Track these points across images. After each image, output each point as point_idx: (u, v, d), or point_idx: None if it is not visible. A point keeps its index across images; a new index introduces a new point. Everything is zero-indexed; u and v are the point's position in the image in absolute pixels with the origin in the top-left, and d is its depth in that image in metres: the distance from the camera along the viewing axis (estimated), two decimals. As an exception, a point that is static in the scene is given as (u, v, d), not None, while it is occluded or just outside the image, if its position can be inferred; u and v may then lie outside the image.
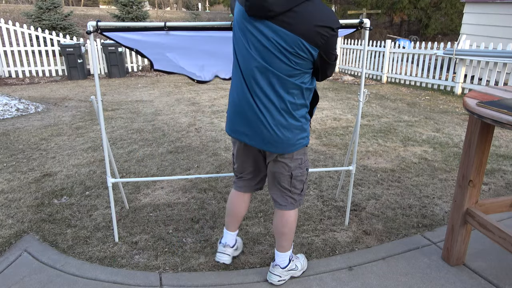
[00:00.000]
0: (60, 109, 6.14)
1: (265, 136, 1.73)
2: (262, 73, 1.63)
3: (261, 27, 1.57)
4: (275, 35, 1.56)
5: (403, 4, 16.30)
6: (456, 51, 7.30)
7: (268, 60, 1.60)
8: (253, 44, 1.62)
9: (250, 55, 1.63)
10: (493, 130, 1.96)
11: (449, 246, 2.20)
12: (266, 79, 1.64)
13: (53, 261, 2.26)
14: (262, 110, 1.69)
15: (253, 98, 1.69)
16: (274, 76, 1.63)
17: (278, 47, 1.57)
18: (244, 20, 1.62)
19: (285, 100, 1.68)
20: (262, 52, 1.60)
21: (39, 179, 3.40)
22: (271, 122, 1.70)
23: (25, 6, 19.19)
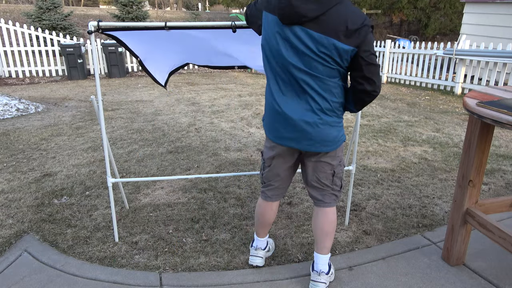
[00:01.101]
0: (60, 109, 6.14)
1: (313, 137, 1.74)
2: (304, 77, 1.66)
3: (298, 32, 1.60)
4: (311, 40, 1.59)
5: (403, 4, 16.31)
6: (456, 51, 7.30)
7: (307, 64, 1.63)
8: (291, 50, 1.64)
9: (288, 61, 1.66)
10: (493, 130, 1.96)
11: (449, 246, 2.20)
12: (308, 82, 1.67)
13: (53, 261, 2.26)
14: (308, 112, 1.71)
15: (298, 102, 1.71)
16: (316, 78, 1.66)
17: (315, 51, 1.60)
18: (279, 28, 1.64)
19: (328, 100, 1.70)
20: (301, 57, 1.63)
21: (39, 179, 3.40)
22: (318, 123, 1.72)
23: (25, 6, 19.18)
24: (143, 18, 15.63)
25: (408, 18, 17.41)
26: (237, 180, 3.40)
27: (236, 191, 3.18)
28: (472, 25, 8.79)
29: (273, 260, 2.28)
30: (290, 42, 1.63)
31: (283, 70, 1.69)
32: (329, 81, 1.67)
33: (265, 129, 1.87)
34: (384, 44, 9.04)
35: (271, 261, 2.27)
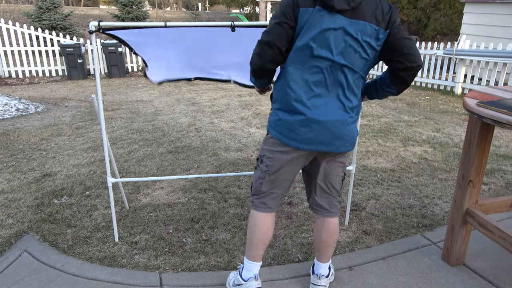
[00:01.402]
0: (60, 109, 6.14)
1: (345, 137, 1.67)
2: (342, 72, 1.59)
3: (341, 22, 1.52)
4: (354, 28, 1.53)
5: (402, 4, 16.30)
6: (456, 51, 7.30)
7: (348, 57, 1.57)
8: (335, 43, 1.55)
9: (330, 56, 1.56)
10: (493, 130, 1.97)
11: (449, 246, 2.20)
12: (346, 78, 1.60)
13: (53, 261, 2.26)
14: (340, 111, 1.64)
15: (331, 101, 1.64)
16: (353, 73, 1.61)
17: (359, 40, 1.55)
18: (322, 19, 1.52)
19: (358, 96, 1.68)
20: (345, 49, 1.56)
21: (39, 179, 3.40)
22: (349, 122, 1.66)
23: (25, 6, 19.18)
24: (143, 18, 15.63)
25: (408, 18, 17.41)
26: (237, 180, 3.40)
27: (236, 191, 3.18)
28: (472, 25, 8.79)
29: (273, 260, 2.28)
30: (334, 34, 1.53)
31: (318, 66, 1.58)
32: (361, 76, 1.63)
33: (280, 133, 1.67)
34: (384, 44, 9.03)
35: (271, 261, 2.27)
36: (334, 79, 1.60)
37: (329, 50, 1.55)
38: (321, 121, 1.62)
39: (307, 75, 1.60)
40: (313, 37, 1.54)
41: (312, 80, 1.60)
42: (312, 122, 1.62)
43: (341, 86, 1.61)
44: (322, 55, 1.55)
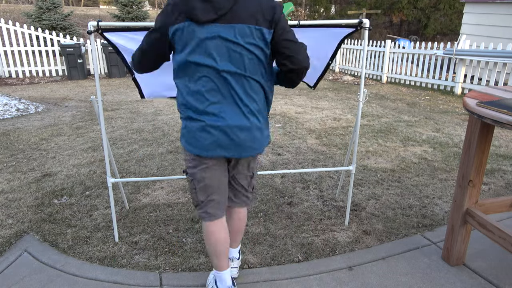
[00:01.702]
0: (60, 109, 6.14)
1: (244, 143, 1.67)
2: (233, 78, 1.60)
3: (215, 30, 1.54)
4: (231, 32, 1.54)
5: (402, 4, 16.31)
6: (456, 51, 7.31)
7: (236, 62, 1.58)
8: (213, 52, 1.56)
9: (214, 64, 1.58)
10: (493, 130, 1.97)
11: (449, 246, 2.20)
12: (238, 83, 1.61)
13: (53, 261, 2.26)
14: (238, 116, 1.64)
15: (229, 108, 1.64)
16: (244, 78, 1.61)
17: (242, 44, 1.55)
18: (194, 32, 1.55)
19: (256, 100, 1.66)
20: (229, 55, 1.57)
21: (39, 179, 3.40)
22: (250, 127, 1.66)
23: (25, 6, 19.18)
24: (143, 18, 15.63)
25: (408, 18, 17.41)
26: (237, 180, 3.40)
27: (236, 191, 3.18)
28: (472, 25, 8.79)
29: (273, 260, 2.28)
30: (213, 43, 1.55)
31: (207, 76, 1.60)
32: (256, 80, 1.63)
33: (187, 142, 1.69)
34: (384, 44, 9.04)
35: (271, 261, 2.27)
36: (226, 86, 1.61)
37: (212, 58, 1.57)
38: (219, 126, 1.63)
39: (198, 86, 1.61)
40: (192, 50, 1.57)
41: (205, 89, 1.61)
42: (211, 128, 1.63)
43: (235, 92, 1.61)
44: (207, 64, 1.58)
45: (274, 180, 3.41)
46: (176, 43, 1.60)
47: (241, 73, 1.60)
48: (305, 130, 4.95)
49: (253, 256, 2.32)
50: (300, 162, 3.83)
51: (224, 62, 1.58)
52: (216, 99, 1.62)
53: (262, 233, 2.57)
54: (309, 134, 4.77)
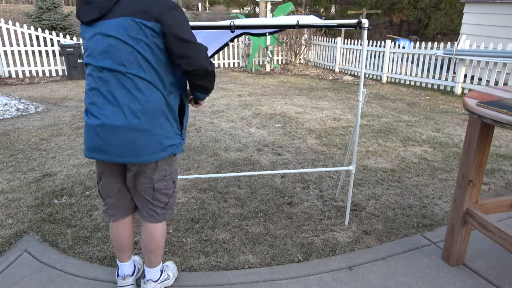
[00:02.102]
0: (60, 109, 6.14)
1: (123, 146, 1.58)
2: (110, 75, 1.56)
3: (97, 28, 1.54)
4: (111, 28, 1.51)
5: (403, 4, 16.30)
6: (456, 51, 7.30)
7: (113, 57, 1.54)
8: (93, 49, 1.57)
9: (91, 62, 1.59)
10: (493, 130, 1.97)
11: (449, 246, 2.20)
12: (114, 81, 1.56)
13: (53, 261, 2.26)
14: (117, 115, 1.56)
15: (108, 107, 1.59)
16: (121, 74, 1.55)
17: (115, 37, 1.51)
18: (84, 33, 1.60)
19: (140, 99, 1.56)
20: (111, 51, 1.54)
21: (39, 179, 3.40)
22: (130, 127, 1.56)
23: (25, 6, 19.17)
24: (143, 18, 15.62)
25: (408, 18, 17.41)
26: (237, 180, 3.40)
27: (236, 191, 3.18)
28: (472, 25, 8.79)
29: (273, 260, 2.28)
30: (94, 40, 1.55)
31: (90, 74, 1.60)
32: (142, 77, 1.55)
33: (84, 142, 1.67)
34: (384, 44, 9.04)
35: (271, 261, 2.27)
36: (105, 84, 1.57)
37: (93, 56, 1.58)
38: (93, 126, 1.58)
39: (87, 83, 1.64)
40: (85, 50, 1.62)
41: (88, 88, 1.62)
42: (89, 128, 1.60)
43: (113, 89, 1.55)
44: (89, 62, 1.60)
45: (274, 180, 3.41)
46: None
47: (121, 70, 1.54)
48: (305, 130, 4.95)
49: (253, 256, 2.32)
50: (300, 162, 3.83)
51: (103, 59, 1.55)
52: (95, 97, 1.58)
53: (262, 233, 2.57)
54: (309, 134, 4.77)
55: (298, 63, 12.26)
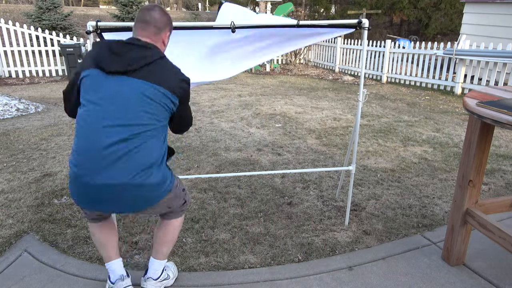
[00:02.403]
0: (60, 109, 6.14)
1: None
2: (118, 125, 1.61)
3: (126, 81, 1.59)
4: (141, 88, 1.59)
5: (403, 4, 16.30)
6: (456, 51, 7.30)
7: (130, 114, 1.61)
8: (116, 100, 1.59)
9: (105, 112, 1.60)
10: (493, 130, 1.97)
11: (449, 246, 2.20)
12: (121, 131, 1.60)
13: (53, 261, 2.26)
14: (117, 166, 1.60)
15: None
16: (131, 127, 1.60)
17: (143, 98, 1.60)
18: (99, 79, 1.60)
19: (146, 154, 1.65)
20: (123, 106, 1.59)
21: (39, 179, 3.40)
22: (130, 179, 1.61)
23: (25, 6, 19.17)
24: (143, 18, 15.62)
25: (408, 18, 17.42)
26: (237, 180, 3.40)
27: (236, 191, 3.18)
28: (472, 25, 8.79)
29: (273, 260, 2.28)
30: (110, 91, 1.58)
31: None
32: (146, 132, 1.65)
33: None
34: (384, 44, 9.04)
35: (271, 261, 2.27)
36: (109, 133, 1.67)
37: (105, 106, 1.66)
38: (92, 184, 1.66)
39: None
40: (89, 87, 1.64)
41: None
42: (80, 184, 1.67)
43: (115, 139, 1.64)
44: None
45: (274, 180, 3.41)
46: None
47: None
48: (305, 130, 4.95)
49: (253, 256, 2.32)
50: (300, 162, 3.83)
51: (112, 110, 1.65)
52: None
53: (262, 233, 2.57)
54: (309, 134, 4.77)
55: (298, 63, 12.27)
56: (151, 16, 1.69)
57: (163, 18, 1.73)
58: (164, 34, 1.75)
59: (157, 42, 1.72)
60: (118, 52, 1.60)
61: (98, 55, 1.61)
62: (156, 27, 1.70)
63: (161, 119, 1.66)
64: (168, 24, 1.76)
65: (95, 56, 1.62)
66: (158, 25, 1.70)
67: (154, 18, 1.69)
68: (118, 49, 1.61)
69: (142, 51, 1.62)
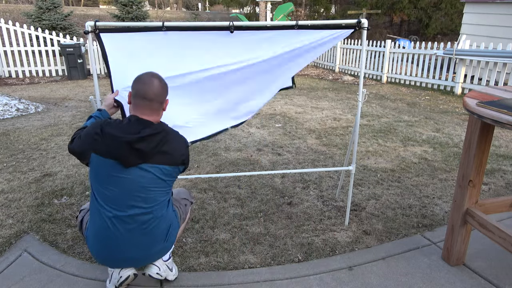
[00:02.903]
0: (60, 109, 6.14)
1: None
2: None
3: (145, 168, 1.72)
4: (155, 171, 1.74)
5: (403, 4, 16.30)
6: (456, 51, 7.30)
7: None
8: (132, 187, 1.72)
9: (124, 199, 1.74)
10: (493, 130, 1.97)
11: (449, 246, 2.20)
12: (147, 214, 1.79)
13: (53, 261, 2.26)
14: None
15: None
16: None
17: (156, 179, 1.75)
18: (117, 171, 1.70)
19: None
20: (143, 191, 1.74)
21: (39, 179, 3.40)
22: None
23: (25, 6, 19.17)
24: (143, 18, 15.63)
25: (408, 18, 17.42)
26: (237, 180, 3.40)
27: (236, 191, 3.18)
28: (472, 25, 8.79)
29: (273, 260, 2.28)
30: (128, 181, 1.71)
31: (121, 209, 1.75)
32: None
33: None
34: (384, 44, 9.04)
35: (271, 261, 2.27)
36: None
37: (123, 194, 1.80)
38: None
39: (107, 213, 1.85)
40: (104, 178, 1.77)
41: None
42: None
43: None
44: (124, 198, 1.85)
45: (274, 180, 3.41)
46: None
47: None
48: (305, 130, 4.95)
49: (253, 256, 2.32)
50: (300, 162, 3.83)
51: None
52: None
53: (262, 233, 2.57)
54: (309, 134, 4.77)
55: (298, 63, 12.23)
56: (153, 92, 1.74)
57: (163, 90, 1.79)
58: (165, 102, 1.84)
59: (160, 113, 1.81)
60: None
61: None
62: (159, 102, 1.78)
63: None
64: (166, 91, 1.82)
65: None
66: (160, 100, 1.78)
67: (156, 94, 1.75)
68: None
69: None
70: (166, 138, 1.75)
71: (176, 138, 1.82)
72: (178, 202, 2.10)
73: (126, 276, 1.90)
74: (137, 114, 1.75)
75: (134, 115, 1.75)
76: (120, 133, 1.67)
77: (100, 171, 1.70)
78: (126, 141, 1.65)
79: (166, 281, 2.08)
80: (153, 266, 1.95)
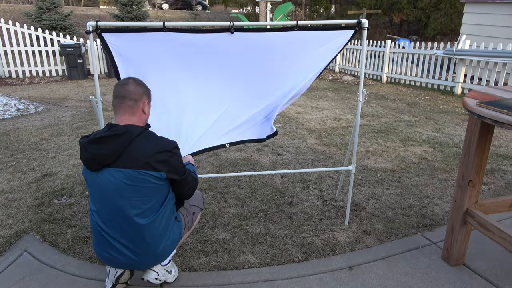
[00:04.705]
0: (60, 109, 6.14)
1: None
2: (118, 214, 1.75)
3: (110, 173, 1.70)
4: (120, 177, 1.69)
5: (402, 4, 16.30)
6: (456, 51, 7.30)
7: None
8: (102, 192, 1.74)
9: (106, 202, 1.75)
10: (493, 130, 1.97)
11: (449, 246, 2.20)
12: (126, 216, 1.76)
13: (53, 261, 2.26)
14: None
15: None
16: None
17: (125, 186, 1.70)
18: (88, 175, 1.77)
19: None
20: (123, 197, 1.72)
21: (39, 179, 3.40)
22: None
23: (25, 6, 19.17)
24: (143, 18, 15.63)
25: (408, 18, 17.41)
26: (237, 180, 3.40)
27: (236, 191, 3.18)
28: (472, 25, 8.79)
29: (273, 260, 2.28)
30: (100, 185, 1.73)
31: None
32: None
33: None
34: (384, 44, 9.04)
35: (271, 261, 2.27)
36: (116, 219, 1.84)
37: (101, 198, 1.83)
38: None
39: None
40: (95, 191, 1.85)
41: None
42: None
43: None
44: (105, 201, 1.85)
45: (274, 180, 3.41)
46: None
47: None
48: (305, 130, 4.95)
49: (253, 256, 2.32)
50: (300, 162, 3.83)
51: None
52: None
53: (262, 233, 2.57)
54: (309, 134, 4.77)
55: (298, 63, 12.24)
56: (126, 90, 1.75)
57: (138, 89, 1.78)
58: (142, 104, 1.80)
59: (136, 114, 1.77)
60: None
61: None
62: (132, 100, 1.76)
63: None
64: (144, 93, 1.81)
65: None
66: (134, 97, 1.76)
67: (128, 92, 1.75)
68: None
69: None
70: (129, 140, 1.68)
71: (146, 140, 1.72)
72: (186, 210, 2.05)
73: (121, 271, 1.90)
74: (115, 117, 1.78)
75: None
76: (85, 137, 1.74)
77: (85, 176, 1.80)
78: (81, 144, 1.72)
79: (166, 282, 2.08)
80: (151, 271, 1.95)
